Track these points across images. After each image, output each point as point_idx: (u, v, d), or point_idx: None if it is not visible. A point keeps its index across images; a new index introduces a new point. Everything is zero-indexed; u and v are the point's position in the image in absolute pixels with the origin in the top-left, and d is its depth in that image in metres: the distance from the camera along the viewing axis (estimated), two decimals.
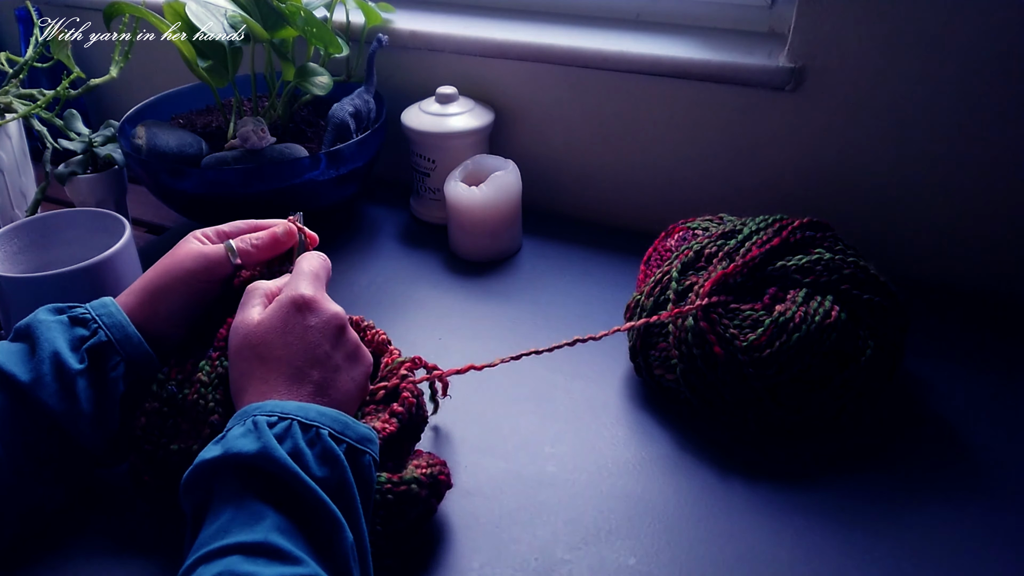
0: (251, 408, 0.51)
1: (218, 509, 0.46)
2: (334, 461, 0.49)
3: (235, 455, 0.47)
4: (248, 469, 0.47)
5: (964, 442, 0.65)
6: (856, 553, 0.56)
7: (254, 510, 0.46)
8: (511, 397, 0.70)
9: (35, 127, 0.92)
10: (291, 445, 0.48)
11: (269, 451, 0.47)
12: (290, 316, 0.55)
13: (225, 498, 0.47)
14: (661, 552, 0.56)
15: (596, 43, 0.89)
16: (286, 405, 0.51)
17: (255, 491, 0.47)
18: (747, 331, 0.63)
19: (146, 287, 0.61)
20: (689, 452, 0.65)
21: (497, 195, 0.86)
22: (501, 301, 0.84)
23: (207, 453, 0.48)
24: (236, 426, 0.49)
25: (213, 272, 0.61)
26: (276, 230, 0.64)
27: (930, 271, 0.84)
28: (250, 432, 0.48)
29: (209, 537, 0.45)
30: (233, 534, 0.44)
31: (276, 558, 0.43)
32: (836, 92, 0.79)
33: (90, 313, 0.58)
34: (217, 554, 0.43)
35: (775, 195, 0.87)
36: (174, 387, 0.58)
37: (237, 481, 0.47)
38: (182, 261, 0.61)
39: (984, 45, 0.72)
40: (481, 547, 0.57)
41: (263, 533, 0.44)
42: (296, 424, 0.49)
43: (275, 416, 0.50)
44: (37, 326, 0.56)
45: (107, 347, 0.57)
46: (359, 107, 0.92)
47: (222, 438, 0.49)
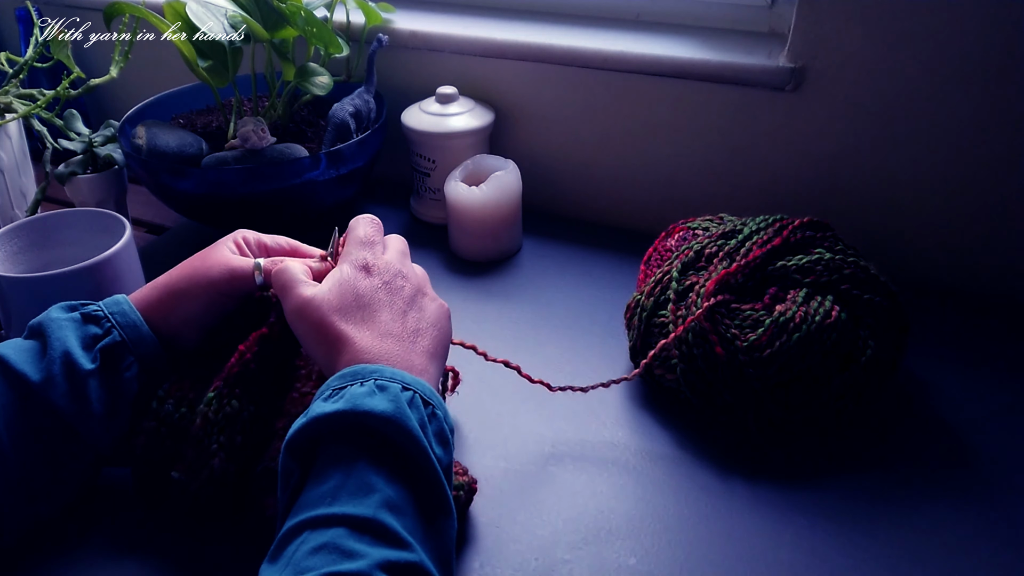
0: (361, 370, 0.49)
1: (326, 469, 0.45)
2: (446, 443, 0.49)
3: (364, 413, 0.45)
4: (367, 432, 0.46)
5: (964, 442, 0.65)
6: (856, 553, 0.56)
7: (365, 479, 0.44)
8: (511, 397, 0.70)
9: (35, 127, 0.92)
10: (418, 416, 0.47)
11: (403, 416, 0.46)
12: (359, 282, 0.55)
13: (334, 458, 0.45)
14: (661, 552, 0.56)
15: (596, 43, 0.89)
16: (404, 375, 0.49)
17: (370, 457, 0.45)
18: (747, 331, 0.63)
19: (168, 287, 0.60)
20: (689, 452, 0.65)
21: (497, 195, 0.86)
22: (501, 301, 0.84)
23: (323, 408, 0.46)
24: (352, 385, 0.48)
25: (235, 286, 0.60)
26: (310, 263, 0.61)
27: (930, 271, 0.84)
28: (376, 393, 0.47)
29: (316, 499, 0.44)
30: (341, 502, 0.43)
31: (384, 538, 0.42)
32: (836, 92, 0.79)
33: (103, 311, 0.57)
34: (324, 522, 0.42)
35: (775, 195, 0.87)
36: (171, 407, 0.58)
37: (351, 443, 0.46)
38: (209, 269, 0.60)
39: (984, 45, 0.72)
40: (481, 547, 0.57)
41: (373, 508, 0.43)
42: (419, 397, 0.48)
43: (398, 383, 0.48)
44: (49, 324, 0.56)
45: (121, 347, 0.57)
46: (359, 107, 0.92)
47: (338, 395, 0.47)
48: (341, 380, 0.49)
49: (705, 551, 0.56)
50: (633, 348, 0.70)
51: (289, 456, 0.47)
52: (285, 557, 0.42)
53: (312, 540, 0.42)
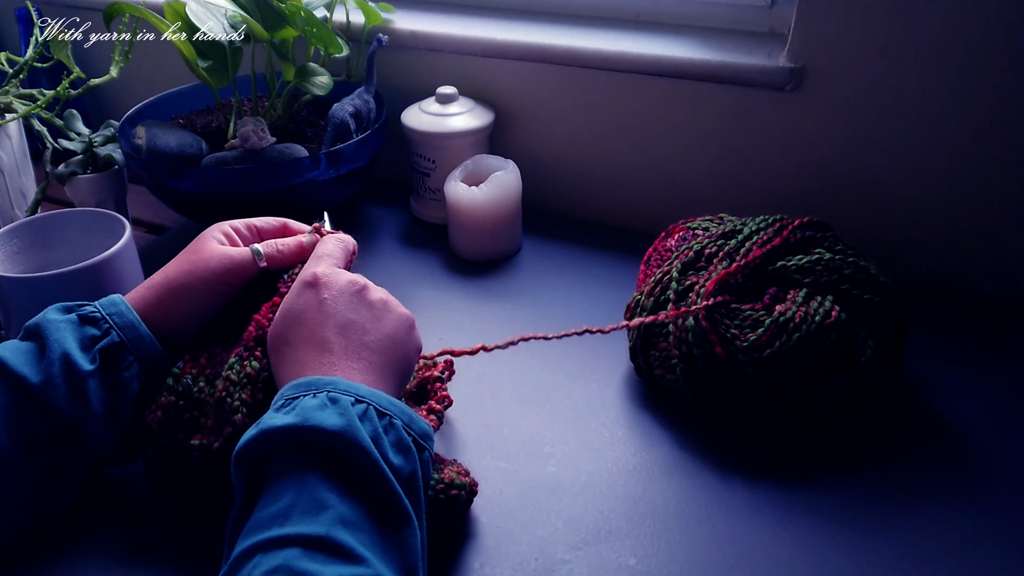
0: (316, 381, 0.49)
1: (277, 486, 0.45)
2: (407, 451, 0.48)
3: (314, 428, 0.45)
4: (318, 447, 0.45)
5: (964, 442, 0.65)
6: (856, 553, 0.56)
7: (317, 496, 0.44)
8: (511, 397, 0.70)
9: (35, 127, 0.92)
10: (371, 429, 0.47)
11: (353, 431, 0.45)
12: (301, 297, 0.55)
13: (285, 474, 0.45)
14: (661, 552, 0.56)
15: (596, 43, 0.89)
16: (359, 387, 0.49)
17: (322, 472, 0.45)
18: (747, 331, 0.63)
19: (167, 284, 0.60)
20: (689, 452, 0.65)
21: (497, 195, 0.86)
22: (501, 301, 0.84)
23: (273, 420, 0.46)
24: (305, 396, 0.47)
25: (238, 275, 0.61)
26: (302, 238, 0.65)
27: (930, 271, 0.84)
28: (328, 406, 0.46)
29: (268, 520, 0.43)
30: (293, 522, 0.43)
31: (338, 555, 0.42)
32: (836, 92, 0.79)
33: (100, 312, 0.58)
34: (277, 543, 0.42)
35: (775, 195, 0.87)
36: (190, 381, 0.58)
37: (302, 457, 0.45)
38: (207, 262, 0.60)
39: (984, 45, 0.72)
40: (481, 547, 0.57)
41: (326, 526, 0.42)
42: (373, 409, 0.48)
43: (351, 396, 0.48)
44: (47, 326, 0.56)
45: (119, 348, 0.57)
46: (359, 107, 0.92)
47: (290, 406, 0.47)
48: (295, 390, 0.49)
49: (705, 551, 0.56)
50: (633, 348, 0.70)
51: (238, 468, 0.47)
52: None
53: (264, 564, 0.41)
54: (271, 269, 0.63)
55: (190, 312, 0.60)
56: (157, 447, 0.57)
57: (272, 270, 0.63)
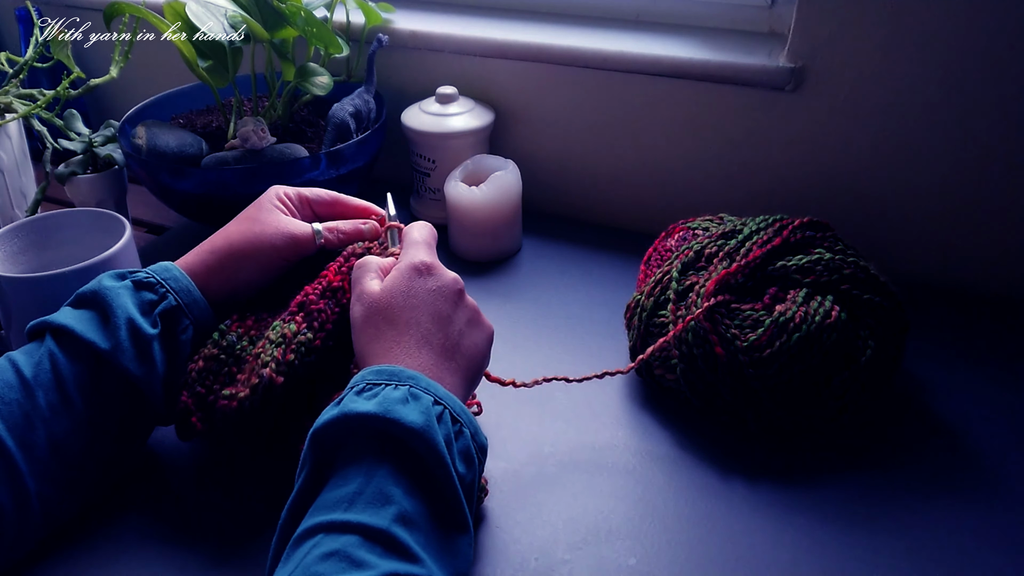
0: (399, 373, 0.49)
1: (347, 471, 0.45)
2: (471, 462, 0.49)
3: (394, 421, 0.46)
4: (393, 440, 0.46)
5: (964, 442, 0.65)
6: (856, 553, 0.56)
7: (384, 489, 0.44)
8: (511, 397, 0.70)
9: (35, 127, 0.92)
10: (445, 432, 0.47)
11: (432, 432, 0.46)
12: (413, 281, 0.56)
13: (356, 460, 0.46)
14: (661, 552, 0.56)
15: (596, 43, 0.89)
16: (438, 388, 0.49)
17: (392, 466, 0.45)
18: (747, 331, 0.63)
19: (227, 250, 0.63)
20: (689, 452, 0.65)
21: (497, 195, 0.86)
22: (501, 301, 0.84)
23: (356, 405, 0.47)
24: (388, 386, 0.48)
25: (298, 251, 0.64)
26: (362, 227, 0.67)
27: (930, 271, 0.84)
28: (409, 401, 0.47)
29: (333, 503, 0.44)
30: (356, 510, 0.43)
31: (395, 551, 0.42)
32: (836, 92, 0.79)
33: (154, 277, 0.59)
34: (339, 528, 0.43)
35: (775, 195, 0.87)
36: (234, 338, 0.60)
37: (376, 447, 0.46)
38: (271, 237, 0.63)
39: (983, 45, 0.72)
40: (481, 547, 0.57)
41: (387, 520, 0.43)
42: (448, 413, 0.49)
43: (431, 396, 0.48)
44: (106, 293, 0.57)
45: (177, 311, 0.59)
46: (359, 107, 0.92)
47: (372, 392, 0.48)
48: (377, 376, 0.49)
49: (705, 551, 0.56)
50: (633, 348, 0.70)
51: (313, 445, 0.48)
52: (296, 558, 0.42)
53: (324, 545, 0.42)
54: (327, 248, 0.66)
55: (248, 279, 0.63)
56: (192, 394, 0.59)
57: (327, 249, 0.66)
